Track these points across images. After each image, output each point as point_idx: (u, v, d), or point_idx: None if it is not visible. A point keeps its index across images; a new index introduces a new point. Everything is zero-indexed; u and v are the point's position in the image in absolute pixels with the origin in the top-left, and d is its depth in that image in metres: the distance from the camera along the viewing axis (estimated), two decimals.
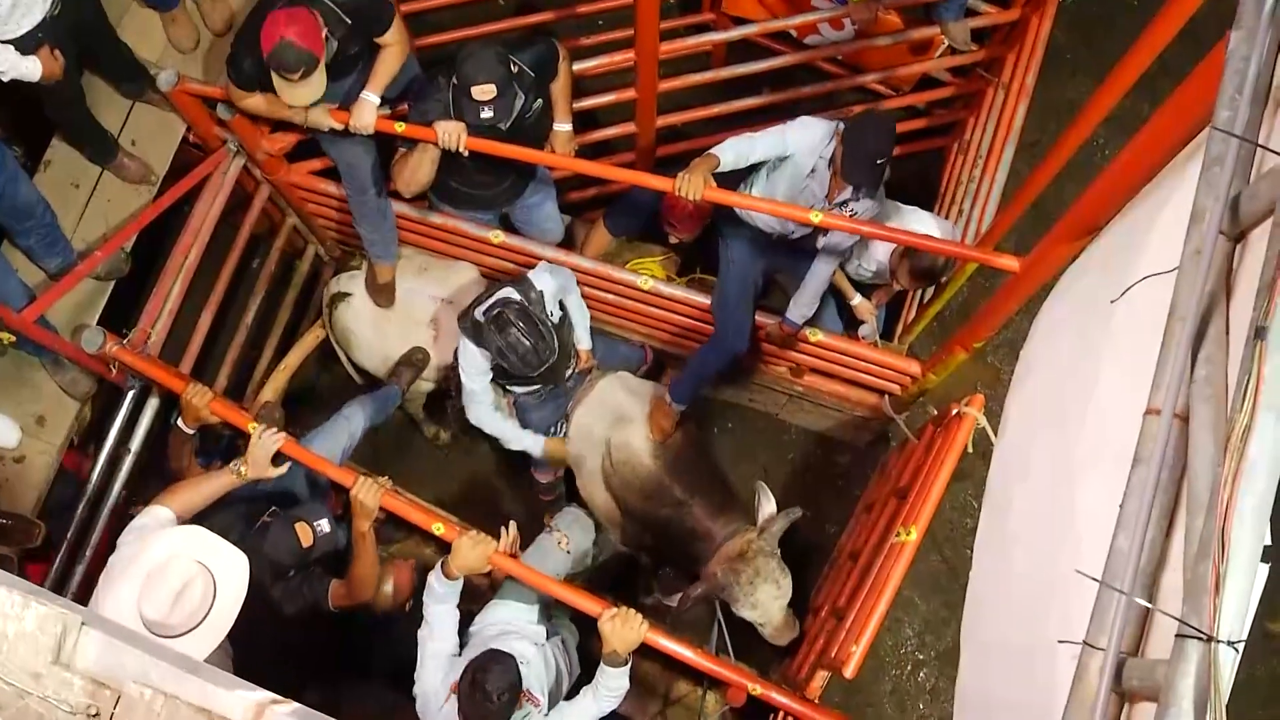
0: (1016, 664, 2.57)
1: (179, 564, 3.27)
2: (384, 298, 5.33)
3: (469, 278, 5.42)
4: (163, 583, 3.22)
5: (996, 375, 6.05)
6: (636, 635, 3.72)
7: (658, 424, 5.01)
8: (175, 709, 1.79)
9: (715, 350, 5.02)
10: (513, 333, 4.37)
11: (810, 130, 4.33)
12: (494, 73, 4.19)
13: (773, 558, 4.60)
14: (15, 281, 4.31)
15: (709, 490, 4.98)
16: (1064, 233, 3.45)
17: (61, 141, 4.81)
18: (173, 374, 4.46)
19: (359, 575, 4.15)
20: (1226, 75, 2.05)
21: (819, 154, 4.32)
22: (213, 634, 3.26)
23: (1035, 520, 2.77)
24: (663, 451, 5.01)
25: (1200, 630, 1.62)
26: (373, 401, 5.07)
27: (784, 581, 4.62)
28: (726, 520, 4.83)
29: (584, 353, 4.99)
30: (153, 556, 3.28)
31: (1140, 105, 4.32)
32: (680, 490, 4.94)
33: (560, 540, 4.76)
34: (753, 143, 4.28)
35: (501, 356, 4.43)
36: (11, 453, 4.57)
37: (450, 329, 5.27)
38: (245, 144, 4.90)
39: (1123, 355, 2.46)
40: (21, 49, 3.94)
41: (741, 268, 4.89)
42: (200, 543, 3.37)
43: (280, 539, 4.01)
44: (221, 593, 3.28)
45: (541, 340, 4.43)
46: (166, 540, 3.37)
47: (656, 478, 4.97)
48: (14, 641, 1.82)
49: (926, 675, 5.97)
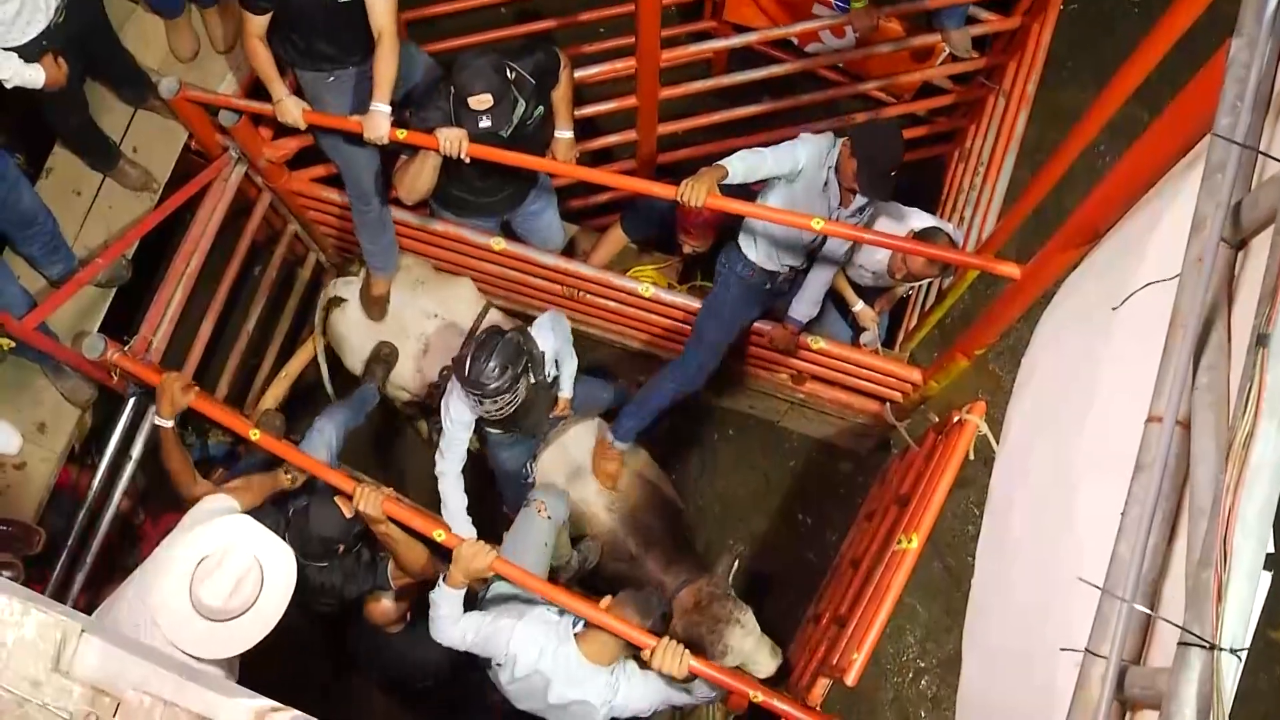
0: (1018, 671, 2.57)
1: (236, 554, 3.28)
2: (377, 310, 5.33)
3: (465, 295, 5.43)
4: (221, 569, 3.23)
5: (998, 382, 6.05)
6: (682, 665, 3.75)
7: (603, 471, 5.09)
8: (174, 716, 1.79)
9: (674, 381, 4.94)
10: (486, 364, 4.19)
11: (813, 144, 4.31)
12: (490, 82, 4.19)
13: (727, 599, 4.66)
14: (16, 289, 4.31)
15: (662, 543, 5.05)
16: (1065, 240, 3.45)
17: (63, 149, 4.82)
18: (149, 368, 4.47)
19: (404, 562, 4.30)
20: (1227, 82, 2.05)
21: (825, 165, 4.31)
22: (255, 629, 3.27)
23: (1037, 527, 2.76)
24: (618, 504, 5.06)
25: (1203, 638, 1.62)
26: (344, 409, 5.10)
27: (746, 619, 4.65)
28: (676, 572, 4.92)
29: (563, 400, 4.90)
30: (210, 543, 3.30)
31: (1140, 113, 4.33)
32: (634, 545, 5.01)
33: (539, 508, 4.68)
34: (762, 156, 4.23)
35: (474, 388, 4.21)
36: (12, 460, 4.57)
37: (439, 345, 5.30)
38: (247, 151, 4.90)
39: (1124, 362, 2.46)
40: (26, 56, 3.94)
41: (733, 312, 4.83)
42: (255, 535, 3.38)
43: (325, 515, 4.09)
44: (269, 586, 3.29)
45: (513, 389, 4.27)
46: (222, 528, 3.38)
47: (611, 532, 5.04)
48: (13, 649, 1.82)
49: (928, 683, 5.96)
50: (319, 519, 4.07)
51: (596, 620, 3.85)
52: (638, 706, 3.97)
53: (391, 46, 4.25)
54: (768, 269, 4.67)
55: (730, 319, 4.84)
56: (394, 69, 4.30)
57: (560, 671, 3.90)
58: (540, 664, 3.89)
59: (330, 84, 4.50)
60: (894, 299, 5.49)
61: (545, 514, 4.67)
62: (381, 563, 4.43)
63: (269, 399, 5.59)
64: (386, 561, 4.43)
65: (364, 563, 4.40)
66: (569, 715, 3.99)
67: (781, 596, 5.76)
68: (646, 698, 3.95)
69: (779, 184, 4.38)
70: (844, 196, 4.36)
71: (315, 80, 4.50)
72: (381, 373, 5.34)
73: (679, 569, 4.97)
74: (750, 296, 4.79)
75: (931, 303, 5.41)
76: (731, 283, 4.76)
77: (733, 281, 4.75)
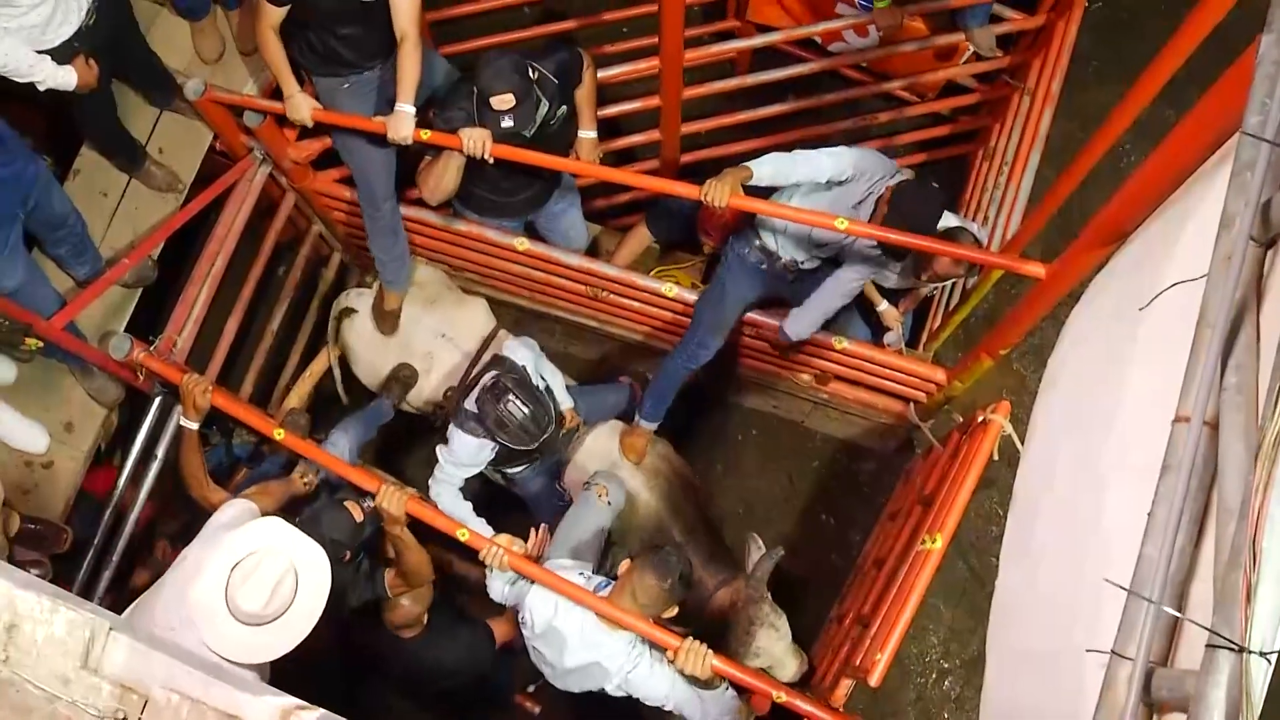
0: (1043, 673, 2.55)
1: (273, 558, 3.22)
2: (387, 324, 5.34)
3: (476, 318, 5.45)
4: (258, 574, 3.18)
5: (1022, 382, 6.03)
6: (705, 667, 3.74)
7: (630, 445, 5.09)
8: (201, 714, 1.80)
9: (679, 358, 5.00)
10: (511, 401, 4.38)
11: (876, 159, 4.29)
12: (511, 81, 4.19)
13: (764, 602, 4.64)
14: (50, 290, 4.35)
15: (703, 533, 5.04)
16: (1091, 239, 3.43)
17: (90, 150, 4.86)
18: (171, 367, 4.49)
19: (410, 567, 4.28)
20: (1257, 80, 2.04)
21: (873, 187, 4.28)
22: (292, 634, 3.22)
23: (1062, 528, 2.75)
24: (655, 482, 5.07)
25: (1231, 640, 1.61)
26: (358, 423, 5.12)
27: (780, 623, 4.64)
28: (716, 569, 4.92)
29: (568, 412, 4.96)
30: (246, 545, 3.25)
31: (1167, 112, 4.28)
32: (679, 532, 4.99)
33: (600, 493, 4.63)
34: (793, 162, 4.21)
35: (500, 427, 4.40)
36: (40, 459, 4.61)
37: (445, 365, 5.34)
38: (271, 152, 4.92)
39: (1151, 362, 2.44)
40: (58, 59, 3.97)
41: (735, 294, 4.83)
42: (289, 538, 3.32)
43: (337, 519, 4.07)
44: (304, 590, 3.24)
45: (539, 405, 4.45)
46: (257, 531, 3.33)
47: (656, 514, 5.03)
48: (43, 646, 1.83)
49: (951, 684, 5.94)
50: (330, 522, 4.03)
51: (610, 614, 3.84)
52: (652, 691, 3.91)
53: (415, 48, 4.25)
54: (768, 248, 4.67)
55: (726, 299, 4.84)
56: (418, 70, 4.29)
57: (574, 630, 3.86)
58: (555, 620, 3.87)
59: (347, 90, 4.48)
60: (918, 299, 5.47)
61: (605, 499, 4.62)
62: (379, 571, 4.41)
63: (294, 398, 5.62)
64: (384, 570, 4.41)
65: (363, 573, 4.39)
66: (585, 678, 3.97)
67: (805, 597, 5.74)
68: (660, 687, 3.89)
69: (796, 190, 4.37)
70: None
71: (332, 87, 4.49)
72: (399, 391, 5.35)
73: (718, 566, 4.94)
74: (746, 274, 4.78)
75: (956, 302, 5.39)
76: (730, 261, 4.79)
77: (730, 259, 4.79)
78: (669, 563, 3.76)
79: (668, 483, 5.17)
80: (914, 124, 6.44)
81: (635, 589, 3.74)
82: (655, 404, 5.08)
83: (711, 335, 4.90)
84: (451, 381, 5.28)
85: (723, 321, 4.89)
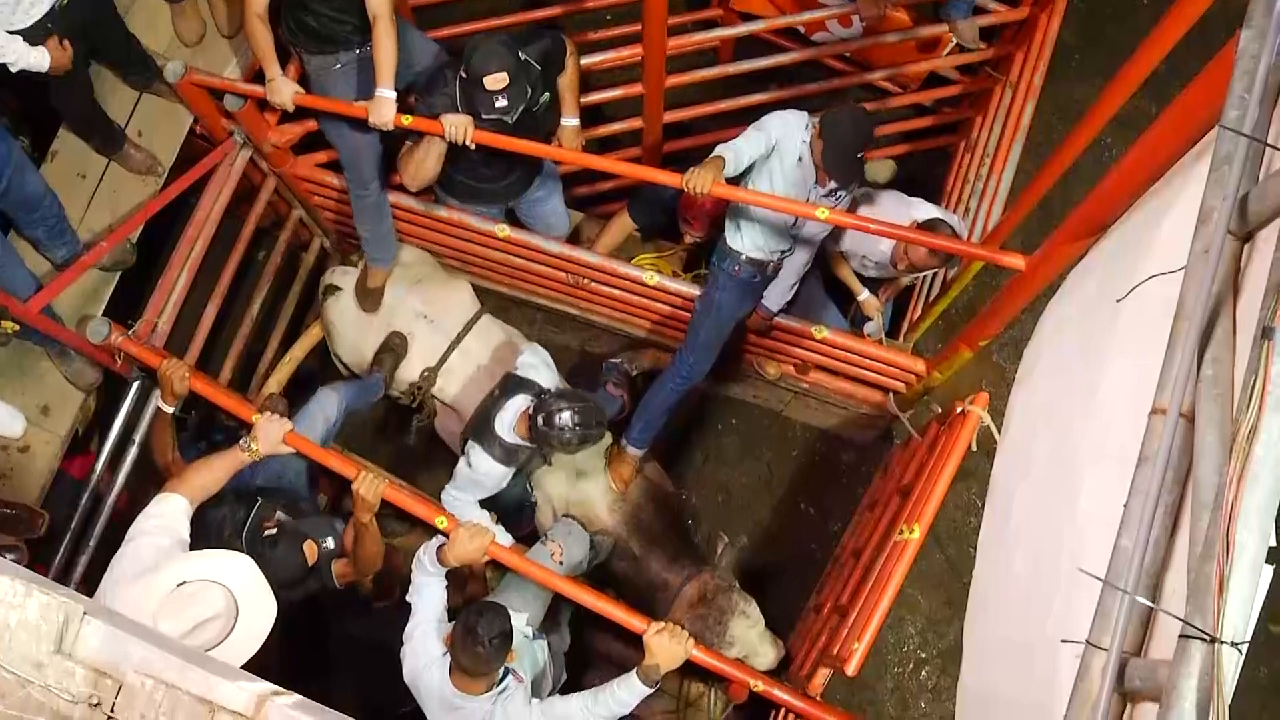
0: (1019, 663, 2.57)
1: (212, 593, 3.11)
2: (370, 302, 5.33)
3: (460, 299, 5.44)
4: (190, 605, 3.07)
5: (1001, 374, 6.05)
6: (684, 651, 3.72)
7: (617, 473, 5.08)
8: (177, 699, 1.79)
9: (674, 380, 4.97)
10: (565, 417, 4.35)
11: (785, 119, 4.33)
12: (505, 61, 4.18)
13: (732, 590, 4.67)
14: (23, 272, 4.31)
15: (665, 542, 5.04)
16: (1070, 231, 3.44)
17: (68, 132, 4.81)
18: (150, 351, 4.46)
19: (364, 556, 4.20)
20: (1236, 74, 2.05)
21: (800, 139, 4.31)
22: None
23: (1039, 519, 2.76)
24: (620, 505, 5.05)
25: (1204, 631, 1.62)
26: (350, 387, 5.04)
27: (751, 610, 4.67)
28: (680, 567, 4.92)
29: None
30: (191, 572, 3.14)
31: (1148, 105, 4.32)
32: (637, 546, 4.99)
33: (554, 551, 4.63)
34: (737, 147, 4.26)
35: (563, 445, 4.41)
36: (16, 442, 4.57)
37: (424, 345, 5.31)
38: (252, 136, 4.89)
39: (1128, 354, 2.46)
40: (30, 40, 3.93)
41: (728, 310, 4.80)
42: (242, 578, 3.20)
43: (287, 558, 3.93)
44: (238, 632, 3.11)
45: (587, 405, 4.43)
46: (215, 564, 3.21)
47: (614, 534, 5.02)
48: (15, 630, 1.82)
49: (929, 673, 5.97)
50: (279, 561, 3.87)
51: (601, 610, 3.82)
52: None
53: (387, 30, 4.23)
54: (757, 259, 4.64)
55: (725, 317, 4.83)
56: (393, 53, 4.28)
57: (435, 693, 3.77)
58: (418, 679, 3.80)
59: (337, 71, 4.47)
60: (898, 289, 5.49)
61: (559, 559, 4.60)
62: (325, 567, 4.22)
63: (272, 383, 5.58)
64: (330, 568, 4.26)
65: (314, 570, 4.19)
66: None
67: (783, 586, 5.77)
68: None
69: (760, 167, 4.39)
70: (819, 175, 4.36)
71: (322, 67, 4.48)
72: (390, 363, 5.29)
73: (682, 565, 4.97)
74: (743, 291, 4.77)
75: (936, 293, 5.40)
76: (723, 281, 4.73)
77: (724, 280, 4.72)
78: (476, 633, 3.61)
79: (635, 505, 5.16)
80: (896, 115, 6.44)
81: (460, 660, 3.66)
82: (644, 430, 5.05)
83: (708, 353, 4.90)
84: (429, 362, 5.26)
85: (720, 339, 4.89)
